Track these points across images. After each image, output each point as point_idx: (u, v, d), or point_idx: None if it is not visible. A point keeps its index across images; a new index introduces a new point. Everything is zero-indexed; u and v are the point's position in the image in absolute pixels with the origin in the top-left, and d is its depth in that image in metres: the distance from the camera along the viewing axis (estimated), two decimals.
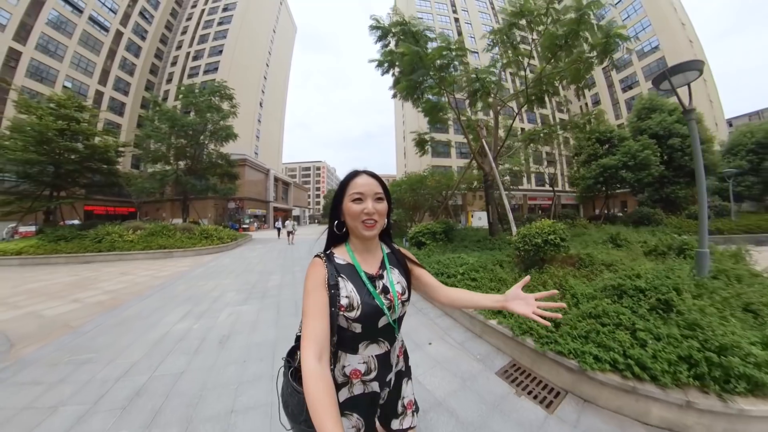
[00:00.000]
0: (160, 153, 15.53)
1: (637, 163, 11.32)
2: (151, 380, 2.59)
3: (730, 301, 2.57)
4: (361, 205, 0.83)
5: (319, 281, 0.80)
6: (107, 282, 6.62)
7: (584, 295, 2.81)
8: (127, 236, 11.06)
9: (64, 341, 3.46)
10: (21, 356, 3.10)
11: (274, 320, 4.08)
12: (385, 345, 0.87)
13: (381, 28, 6.36)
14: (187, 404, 2.23)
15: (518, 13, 6.50)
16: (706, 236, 3.35)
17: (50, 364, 2.93)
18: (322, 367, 0.66)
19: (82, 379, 2.63)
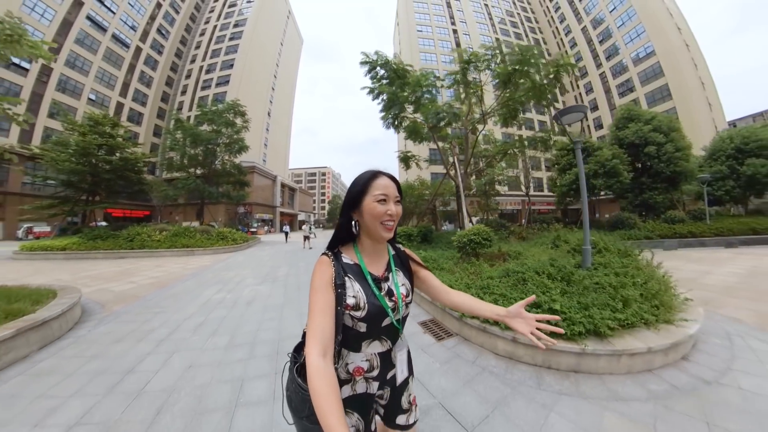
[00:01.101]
0: (180, 163, 17.37)
1: (607, 170, 12.52)
2: (206, 320, 4.10)
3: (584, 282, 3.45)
4: (385, 206, 0.84)
5: (326, 280, 0.80)
6: (148, 271, 8.20)
7: (488, 275, 4.13)
8: (154, 236, 12.73)
9: (138, 304, 4.99)
10: (113, 311, 4.63)
11: (282, 294, 5.59)
12: (387, 343, 0.89)
13: (369, 63, 7.89)
14: (230, 330, 3.73)
15: (468, 61, 7.95)
16: (589, 238, 4.46)
17: (136, 313, 4.45)
18: (327, 363, 0.67)
19: (161, 320, 4.14)
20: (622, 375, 2.51)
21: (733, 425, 1.89)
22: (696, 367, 2.62)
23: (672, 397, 2.23)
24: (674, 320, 3.03)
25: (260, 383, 2.49)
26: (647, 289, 3.32)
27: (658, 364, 2.63)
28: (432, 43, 41.52)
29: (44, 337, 3.26)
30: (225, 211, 32.45)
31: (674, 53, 36.33)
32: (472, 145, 8.85)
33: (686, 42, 38.04)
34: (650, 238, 12.82)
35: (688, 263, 8.36)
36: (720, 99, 39.43)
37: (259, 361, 2.89)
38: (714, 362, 2.71)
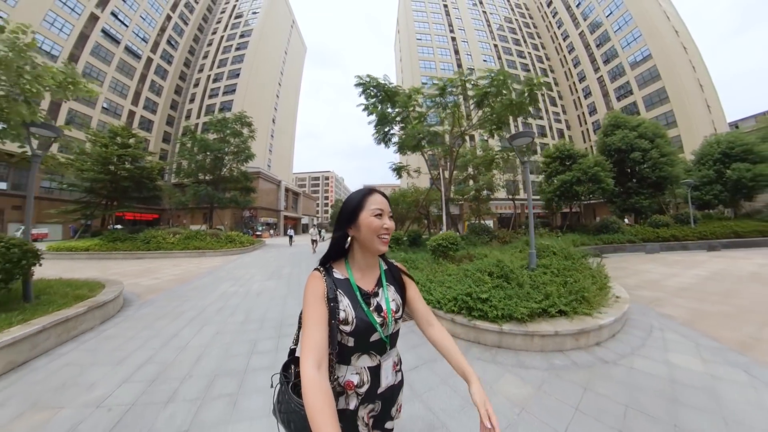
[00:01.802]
0: (191, 170, 18.57)
1: (589, 177, 13.28)
2: (225, 305, 5.08)
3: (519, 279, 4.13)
4: (382, 220, 0.87)
5: (318, 294, 0.81)
6: (168, 270, 9.23)
7: (448, 273, 4.90)
8: (168, 239, 13.81)
9: (166, 294, 5.98)
10: (148, 299, 5.62)
11: (286, 287, 6.58)
12: (377, 358, 0.89)
13: (363, 84, 8.87)
14: (244, 312, 4.71)
15: (443, 87, 8.83)
16: (534, 243, 5.27)
17: (167, 301, 5.44)
18: (322, 376, 0.67)
19: (189, 305, 5.12)
20: (535, 352, 3.10)
21: (604, 390, 2.39)
22: (603, 351, 3.13)
23: (568, 370, 2.72)
24: (593, 313, 3.58)
25: (268, 342, 3.47)
26: (573, 286, 3.98)
27: (569, 346, 3.18)
28: (431, 51, 42.64)
29: (104, 315, 4.25)
30: (231, 215, 33.66)
31: (671, 56, 36.60)
32: (454, 157, 9.70)
33: (684, 45, 38.35)
34: (633, 241, 13.25)
35: (661, 266, 8.74)
36: (720, 100, 39.42)
37: (267, 331, 3.85)
38: (622, 348, 3.20)
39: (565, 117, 50.30)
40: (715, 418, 2.07)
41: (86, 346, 3.40)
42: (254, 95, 44.37)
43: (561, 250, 5.77)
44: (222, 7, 53.82)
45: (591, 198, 16.72)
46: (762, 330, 3.70)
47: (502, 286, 3.85)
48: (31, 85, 3.67)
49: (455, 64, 42.76)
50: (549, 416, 2.09)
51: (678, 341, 3.42)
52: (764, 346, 3.25)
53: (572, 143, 16.06)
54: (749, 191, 17.72)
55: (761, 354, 3.05)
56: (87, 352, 3.23)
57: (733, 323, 3.97)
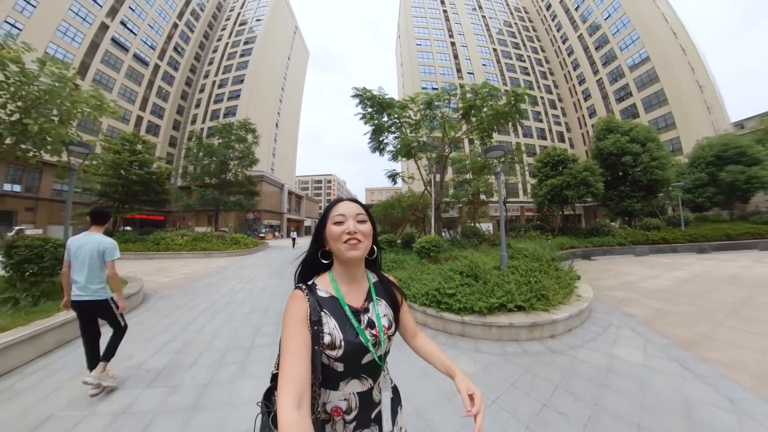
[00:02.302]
0: (197, 174, 19.41)
1: (578, 182, 13.75)
2: (233, 299, 5.75)
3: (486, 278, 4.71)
4: (342, 226, 0.81)
5: (300, 317, 0.74)
6: (178, 269, 9.93)
7: (428, 272, 5.41)
8: (177, 241, 14.56)
9: (180, 290, 6.66)
10: (164, 294, 6.29)
11: (287, 285, 7.21)
12: (368, 382, 0.83)
13: (360, 96, 9.52)
14: (250, 305, 5.36)
15: (429, 101, 9.43)
16: (505, 244, 5.76)
17: (181, 296, 6.11)
18: (302, 415, 0.60)
19: (201, 299, 5.79)
20: (492, 341, 3.52)
21: (543, 373, 2.71)
22: (555, 343, 3.47)
23: (518, 356, 3.05)
24: (549, 309, 3.94)
25: (270, 327, 4.13)
26: (534, 285, 4.43)
27: (524, 337, 3.59)
28: (431, 56, 43.34)
29: (130, 305, 4.92)
30: (235, 217, 34.51)
31: (669, 58, 36.75)
32: (444, 164, 10.26)
33: (682, 46, 38.23)
34: (623, 244, 13.45)
35: (645, 268, 8.92)
36: (721, 101, 39.01)
37: (270, 319, 4.50)
38: (574, 341, 3.52)
39: (565, 119, 50.53)
40: (634, 401, 2.29)
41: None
42: (258, 100, 45.40)
43: (532, 252, 6.31)
44: (227, 15, 55.13)
45: (586, 201, 17.12)
46: (715, 329, 3.89)
47: (470, 283, 4.40)
48: (69, 110, 4.37)
49: (455, 68, 43.41)
50: (486, 388, 2.48)
51: (629, 337, 3.68)
52: (711, 343, 3.49)
53: (565, 149, 16.46)
54: (743, 193, 17.97)
55: (704, 350, 3.28)
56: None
57: (691, 322, 4.17)
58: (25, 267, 3.93)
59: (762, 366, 2.90)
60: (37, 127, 3.95)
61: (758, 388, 2.52)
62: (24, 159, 5.02)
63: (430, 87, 40.36)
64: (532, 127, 45.10)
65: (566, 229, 16.83)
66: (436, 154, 10.54)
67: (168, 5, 44.69)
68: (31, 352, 3.16)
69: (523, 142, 43.53)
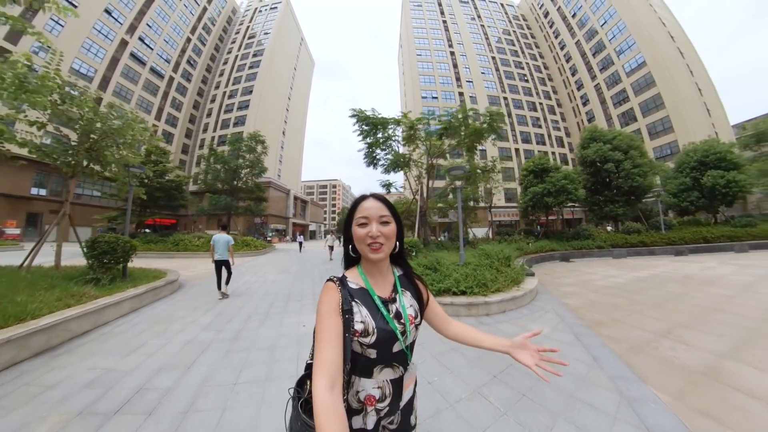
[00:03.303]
0: (211, 182, 21.13)
1: (557, 189, 14.86)
2: (250, 288, 7.20)
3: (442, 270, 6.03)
4: (366, 228, 0.84)
5: (333, 306, 0.78)
6: (199, 266, 11.40)
7: None
8: (194, 242, 16.11)
9: (206, 281, 8.08)
10: (194, 284, 7.71)
11: (294, 279, 8.67)
12: (400, 369, 0.86)
13: (357, 116, 10.93)
14: (264, 291, 6.78)
15: (412, 125, 10.77)
16: (462, 245, 7.05)
17: (207, 284, 7.53)
18: (335, 397, 0.64)
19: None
20: None
21: None
22: (487, 319, 4.47)
23: None
24: (487, 294, 5.05)
25: (280, 304, 5.55)
26: (478, 276, 5.47)
27: (462, 314, 4.65)
28: (431, 66, 44.91)
29: (172, 289, 6.36)
30: (244, 221, 36.28)
31: (665, 63, 37.18)
32: (429, 176, 11.56)
33: (680, 50, 38.60)
34: (602, 247, 14.32)
35: (612, 269, 9.64)
36: (722, 102, 39.33)
37: (280, 299, 5.92)
38: (502, 318, 4.52)
39: (564, 124, 51.29)
40: None
41: (168, 303, 5.49)
42: (266, 110, 47.51)
43: (490, 252, 7.25)
44: (236, 28, 57.79)
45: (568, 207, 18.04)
46: (628, 316, 4.51)
47: (429, 273, 5.67)
48: (132, 142, 5.87)
49: (454, 77, 44.86)
50: (428, 347, 3.24)
51: (550, 318, 4.45)
52: (614, 324, 4.15)
53: (549, 159, 17.50)
54: (723, 197, 18.74)
55: (604, 329, 3.96)
56: (170, 306, 5.32)
57: (611, 311, 4.82)
58: (103, 257, 5.39)
59: (641, 341, 3.55)
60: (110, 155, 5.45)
61: (625, 354, 3.15)
62: (89, 175, 6.52)
63: (430, 96, 41.88)
64: (531, 133, 45.97)
65: (551, 233, 17.81)
66: (425, 166, 11.90)
67: (182, 21, 47.31)
68: (115, 314, 4.57)
69: (522, 148, 44.63)
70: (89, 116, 5.59)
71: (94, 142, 5.79)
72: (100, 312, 4.20)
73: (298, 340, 3.67)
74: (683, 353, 3.18)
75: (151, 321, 4.37)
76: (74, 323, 3.72)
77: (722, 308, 4.76)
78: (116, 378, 2.70)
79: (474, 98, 43.70)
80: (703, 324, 4.07)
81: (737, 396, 2.38)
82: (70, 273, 5.58)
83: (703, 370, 2.81)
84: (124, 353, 3.27)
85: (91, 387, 2.54)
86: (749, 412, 2.17)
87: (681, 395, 2.41)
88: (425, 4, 52.60)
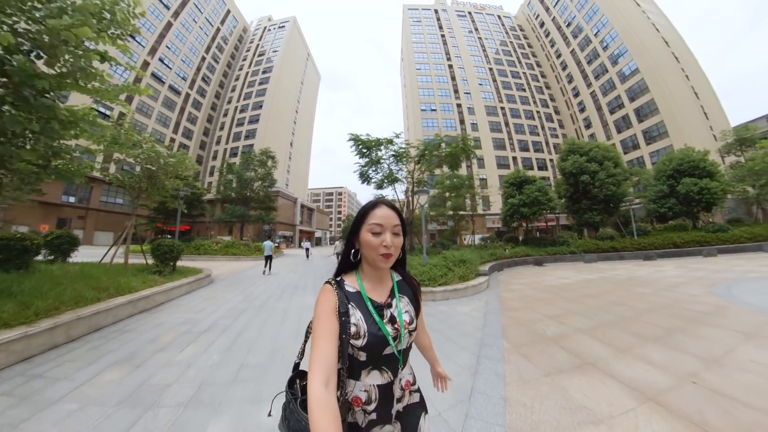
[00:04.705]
0: (227, 193, 23.61)
1: (531, 201, 16.50)
2: (267, 282, 9.23)
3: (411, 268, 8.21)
4: (380, 237, 0.85)
5: (329, 307, 0.81)
6: (221, 267, 13.50)
7: None
8: (213, 247, 18.34)
9: (229, 278, 10.13)
10: (222, 279, 9.77)
11: (301, 275, 10.73)
12: (388, 375, 0.86)
13: (354, 139, 12.94)
14: (278, 283, 8.81)
15: (395, 153, 12.74)
16: (425, 249, 9.01)
17: (233, 279, 9.59)
18: (329, 393, 0.66)
19: (246, 282, 9.27)
20: None
21: (429, 319, 5.64)
22: (431, 303, 5.87)
23: None
24: (435, 286, 6.64)
25: (290, 290, 7.53)
26: (430, 273, 7.27)
27: None
28: (429, 79, 47.14)
29: (209, 281, 8.42)
30: (253, 228, 38.77)
31: (658, 69, 37.62)
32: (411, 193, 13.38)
33: (675, 54, 39.03)
34: (574, 252, 15.44)
35: (572, 272, 10.41)
36: (722, 105, 39.54)
37: (290, 289, 7.89)
38: (443, 303, 5.82)
39: (562, 131, 52.43)
40: (444, 323, 4.52)
41: (209, 290, 7.53)
42: (275, 123, 50.42)
43: (450, 257, 8.79)
44: (247, 46, 61.42)
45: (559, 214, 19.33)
46: (540, 306, 5.46)
47: None
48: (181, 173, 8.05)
49: (452, 89, 46.92)
50: None
51: (478, 304, 5.70)
52: (524, 310, 5.23)
53: (525, 172, 19.03)
54: (698, 203, 19.90)
55: (513, 312, 5.10)
56: (210, 291, 7.36)
57: (530, 302, 5.80)
58: (163, 256, 7.50)
59: (531, 320, 4.57)
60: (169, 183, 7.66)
61: (510, 326, 4.24)
62: (149, 195, 8.70)
63: (428, 109, 44.00)
64: (528, 141, 47.28)
65: (530, 239, 19.22)
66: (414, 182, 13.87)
67: (198, 41, 50.89)
68: (177, 294, 6.60)
69: (519, 156, 46.03)
70: (151, 156, 7.77)
71: (153, 173, 7.96)
72: (169, 291, 6.25)
73: (300, 309, 5.60)
74: (552, 328, 4.13)
75: (202, 298, 6.41)
76: (158, 296, 5.77)
77: (623, 302, 5.47)
78: (195, 321, 4.71)
79: (471, 109, 45.57)
80: (591, 313, 4.83)
81: (555, 348, 3.33)
82: (137, 267, 7.69)
83: (552, 337, 3.74)
84: (194, 312, 5.30)
85: (184, 324, 4.56)
86: (554, 357, 3.12)
87: (518, 345, 3.51)
88: (424, 19, 55.19)
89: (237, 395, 2.52)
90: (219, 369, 3.04)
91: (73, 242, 7.87)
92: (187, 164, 8.14)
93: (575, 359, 3.09)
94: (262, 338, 3.98)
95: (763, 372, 2.67)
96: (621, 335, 3.75)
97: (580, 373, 2.77)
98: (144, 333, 4.13)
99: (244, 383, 2.74)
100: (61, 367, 3.06)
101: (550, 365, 2.97)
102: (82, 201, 31.46)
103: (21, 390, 2.58)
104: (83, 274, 5.73)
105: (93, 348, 3.58)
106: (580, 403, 2.29)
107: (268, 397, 2.47)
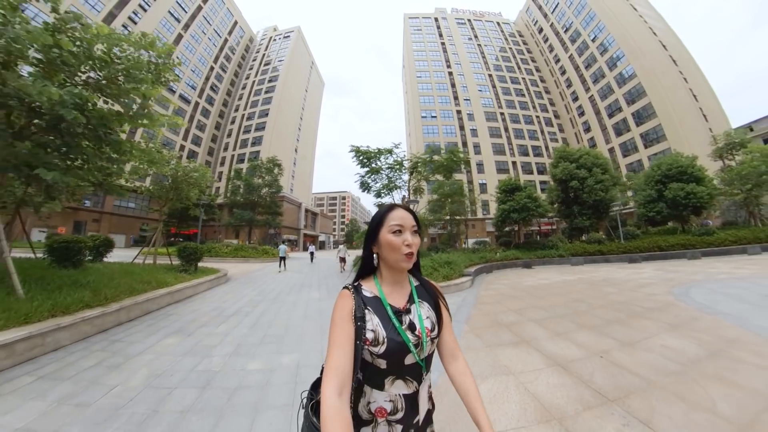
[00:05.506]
0: (235, 199, 24.97)
1: (520, 207, 17.40)
2: (276, 281, 10.36)
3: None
4: (401, 237, 0.85)
5: (346, 313, 0.80)
6: (233, 268, 14.61)
7: None
8: (223, 250, 19.58)
9: (243, 277, 11.26)
10: (237, 279, 10.90)
11: (305, 276, 11.82)
12: (413, 385, 0.84)
13: (355, 151, 14.04)
14: (286, 282, 9.92)
15: (391, 166, 13.85)
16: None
17: (246, 279, 10.72)
18: (342, 402, 0.66)
19: (259, 280, 10.41)
20: None
21: None
22: None
23: None
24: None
25: (296, 288, 8.63)
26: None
27: None
28: (430, 86, 48.40)
29: (226, 279, 9.56)
30: (259, 232, 40.15)
31: (655, 72, 37.78)
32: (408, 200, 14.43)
33: (673, 57, 39.19)
34: (562, 255, 16.04)
35: (555, 274, 10.86)
36: (722, 106, 39.43)
37: (296, 287, 8.99)
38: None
39: (562, 135, 53.07)
40: None
41: (227, 286, 8.66)
42: (280, 130, 52.05)
43: (433, 257, 9.97)
44: (253, 56, 63.44)
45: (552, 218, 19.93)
46: (509, 301, 6.03)
47: None
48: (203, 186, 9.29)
49: (452, 96, 48.09)
50: None
51: (457, 300, 6.30)
52: (494, 305, 5.78)
53: (516, 180, 19.97)
54: (685, 208, 20.52)
55: (484, 306, 5.71)
56: (229, 287, 8.49)
57: (504, 299, 6.30)
58: (189, 257, 8.67)
59: (495, 311, 5.24)
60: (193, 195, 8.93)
61: (475, 316, 4.95)
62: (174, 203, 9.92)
63: (429, 116, 45.21)
64: (528, 146, 48.03)
65: (521, 244, 19.94)
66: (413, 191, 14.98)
67: (207, 52, 52.89)
68: (201, 289, 7.73)
69: (519, 161, 46.82)
70: (176, 170, 9.02)
71: (179, 185, 9.20)
72: (196, 287, 7.39)
73: (307, 302, 6.66)
74: (510, 317, 4.80)
75: (223, 292, 7.54)
76: (187, 290, 6.91)
77: (584, 300, 5.91)
78: (223, 309, 5.83)
79: (471, 115, 46.63)
80: (550, 307, 5.39)
81: (504, 331, 4.11)
82: (165, 267, 8.87)
83: (506, 324, 4.44)
84: (220, 302, 6.42)
85: (214, 310, 5.68)
86: (500, 336, 3.87)
87: (476, 329, 4.26)
88: (424, 27, 56.64)
89: (264, 350, 3.63)
90: (248, 337, 4.14)
91: (109, 245, 9.06)
92: (208, 177, 9.34)
93: (515, 338, 3.85)
94: (278, 319, 5.07)
95: (665, 353, 3.09)
96: (565, 324, 4.33)
97: (513, 346, 3.57)
98: (184, 316, 5.26)
99: (268, 344, 3.84)
100: (131, 336, 4.18)
101: (493, 341, 3.80)
102: (97, 205, 32.93)
103: (111, 348, 3.70)
104: (126, 271, 6.90)
105: (149, 325, 4.71)
106: (503, 363, 3.09)
107: (286, 351, 3.56)
